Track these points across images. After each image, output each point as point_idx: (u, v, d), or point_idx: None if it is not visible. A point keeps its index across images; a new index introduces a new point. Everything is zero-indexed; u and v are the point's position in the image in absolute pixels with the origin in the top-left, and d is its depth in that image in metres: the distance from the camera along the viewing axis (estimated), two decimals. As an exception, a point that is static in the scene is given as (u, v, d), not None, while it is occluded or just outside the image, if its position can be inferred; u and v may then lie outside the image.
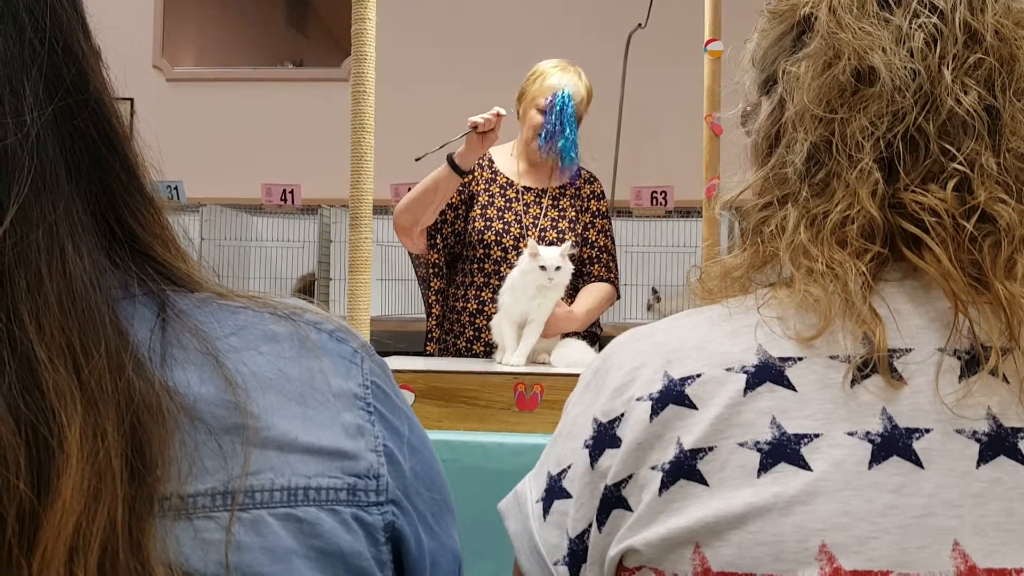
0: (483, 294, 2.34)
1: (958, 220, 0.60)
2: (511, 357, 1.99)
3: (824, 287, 0.60)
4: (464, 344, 2.36)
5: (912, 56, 0.62)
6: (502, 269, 2.30)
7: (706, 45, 1.86)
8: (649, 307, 3.70)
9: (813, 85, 0.64)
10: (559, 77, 2.30)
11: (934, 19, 0.62)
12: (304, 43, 4.93)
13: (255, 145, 4.40)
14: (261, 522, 0.46)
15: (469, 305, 2.36)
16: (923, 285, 0.61)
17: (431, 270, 2.40)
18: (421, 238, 2.35)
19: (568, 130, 2.28)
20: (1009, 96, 0.61)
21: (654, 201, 2.90)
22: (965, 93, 0.61)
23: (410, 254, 2.49)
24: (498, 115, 2.12)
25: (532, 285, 1.99)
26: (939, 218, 0.60)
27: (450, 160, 2.20)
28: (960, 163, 0.60)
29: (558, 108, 2.28)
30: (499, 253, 2.33)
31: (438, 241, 2.37)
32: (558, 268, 1.97)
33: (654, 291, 3.71)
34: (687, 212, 3.50)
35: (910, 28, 0.62)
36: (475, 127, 2.12)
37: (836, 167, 0.62)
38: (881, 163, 0.62)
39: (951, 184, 0.60)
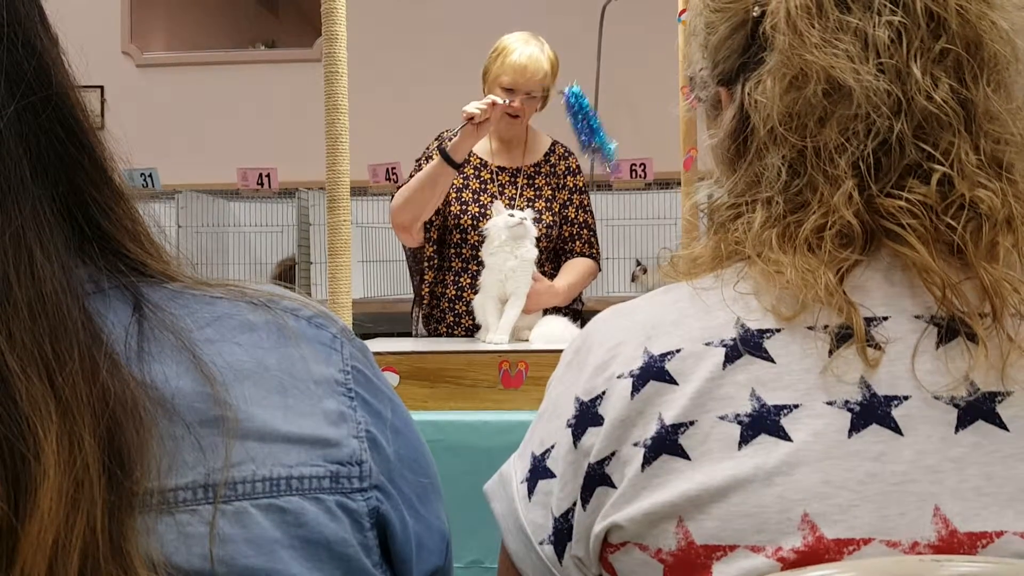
0: (462, 279, 2.32)
1: (939, 215, 0.59)
2: (494, 335, 1.99)
3: (797, 288, 0.59)
4: (445, 330, 2.35)
5: (880, 56, 0.60)
6: (480, 254, 2.26)
7: (680, 15, 1.85)
8: (634, 278, 3.70)
9: (780, 104, 0.62)
10: (521, 51, 2.23)
11: (898, 14, 0.60)
12: (275, 23, 4.86)
13: (229, 129, 4.35)
14: (244, 514, 0.46)
15: (448, 291, 2.33)
16: (901, 265, 0.60)
17: (425, 263, 2.35)
18: (420, 233, 2.30)
19: (595, 124, 2.19)
20: (981, 83, 0.61)
21: (633, 174, 2.89)
22: (936, 87, 0.60)
23: (405, 248, 2.45)
24: (493, 104, 2.08)
25: (508, 241, 2.00)
26: (919, 218, 0.59)
27: (443, 153, 2.15)
28: (939, 161, 0.60)
29: (574, 109, 2.18)
30: (476, 238, 2.29)
31: (432, 233, 2.33)
32: (524, 219, 2.00)
33: (638, 263, 3.71)
34: (667, 184, 3.50)
35: (874, 29, 0.61)
36: (471, 118, 2.07)
37: (811, 180, 0.61)
38: (857, 169, 0.61)
39: (934, 179, 0.60)
